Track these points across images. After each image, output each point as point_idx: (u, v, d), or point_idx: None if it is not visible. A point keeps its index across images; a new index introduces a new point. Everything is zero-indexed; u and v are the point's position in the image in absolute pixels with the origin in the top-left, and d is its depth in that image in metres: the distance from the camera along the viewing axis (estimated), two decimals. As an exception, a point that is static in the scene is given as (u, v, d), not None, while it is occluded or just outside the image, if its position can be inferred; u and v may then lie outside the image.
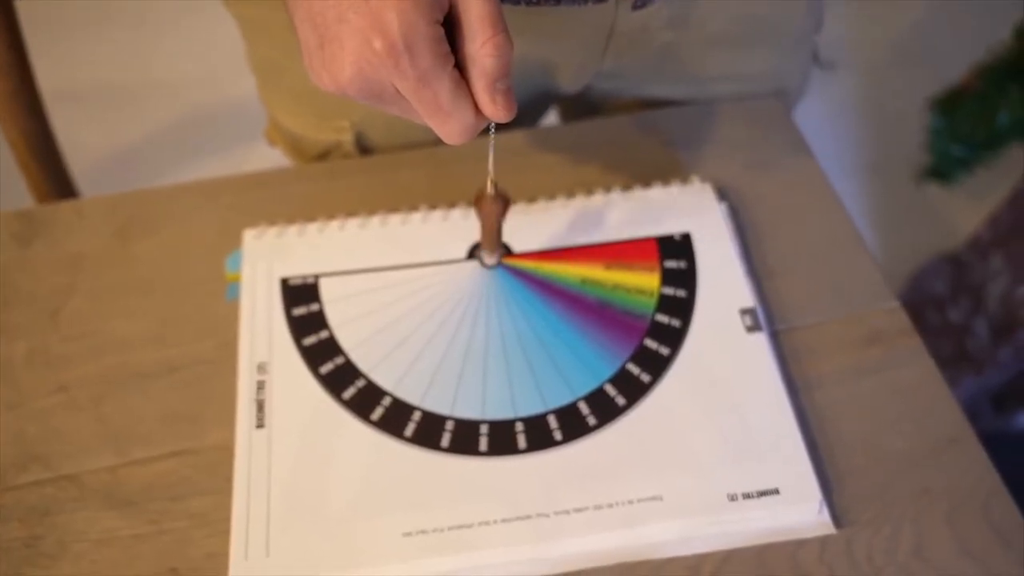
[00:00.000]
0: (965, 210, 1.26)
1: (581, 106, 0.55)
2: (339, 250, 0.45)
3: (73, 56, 1.43)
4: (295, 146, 0.55)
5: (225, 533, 0.38)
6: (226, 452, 0.40)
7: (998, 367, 1.16)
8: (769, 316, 0.45)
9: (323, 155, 0.53)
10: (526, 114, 0.55)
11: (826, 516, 0.38)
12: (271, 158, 0.61)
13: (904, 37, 1.65)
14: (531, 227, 0.46)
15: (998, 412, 1.24)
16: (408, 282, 0.44)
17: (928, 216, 1.42)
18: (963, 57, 1.19)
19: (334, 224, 0.46)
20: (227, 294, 0.45)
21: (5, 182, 0.70)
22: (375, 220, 0.46)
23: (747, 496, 0.38)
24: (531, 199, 0.48)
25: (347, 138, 0.51)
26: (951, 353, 1.22)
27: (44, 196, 0.58)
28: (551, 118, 0.60)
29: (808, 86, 0.58)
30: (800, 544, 0.38)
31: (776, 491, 0.38)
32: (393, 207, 0.48)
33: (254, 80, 0.55)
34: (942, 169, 0.97)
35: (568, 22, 0.43)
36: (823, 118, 1.58)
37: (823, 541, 0.38)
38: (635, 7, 0.41)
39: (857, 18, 1.72)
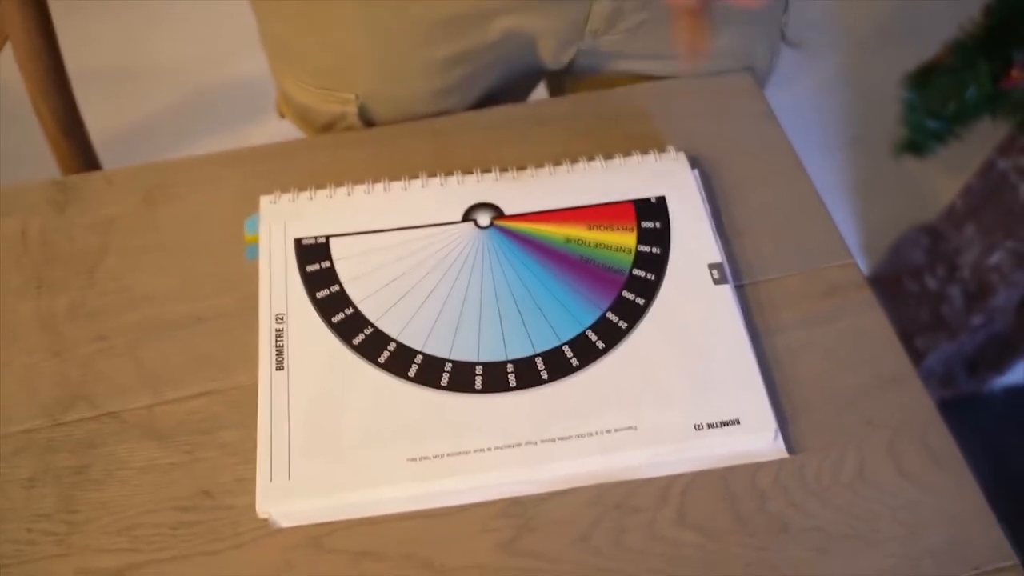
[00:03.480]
0: (943, 181, 1.31)
1: (567, 81, 0.60)
2: (347, 213, 0.50)
3: (73, 37, 1.47)
4: (303, 116, 0.59)
5: (251, 462, 0.43)
6: (249, 392, 0.45)
7: (971, 332, 1.22)
8: (736, 271, 0.50)
9: (329, 125, 0.58)
10: (517, 88, 0.59)
11: (780, 443, 0.43)
12: (275, 136, 0.65)
13: (888, 16, 1.69)
14: (521, 192, 0.51)
15: (972, 376, 1.30)
16: (410, 242, 0.49)
17: (909, 188, 1.47)
18: (943, 35, 1.24)
19: (342, 190, 0.51)
20: (247, 254, 0.50)
21: (29, 158, 0.75)
22: (379, 187, 0.51)
23: (711, 426, 0.43)
24: (521, 167, 0.53)
25: (351, 109, 0.55)
26: (928, 319, 1.27)
27: (71, 169, 0.62)
28: (540, 92, 0.64)
29: (778, 63, 0.62)
30: (759, 467, 0.43)
31: (737, 421, 0.43)
32: (395, 175, 0.52)
33: (254, 61, 0.59)
34: (917, 142, 1.01)
35: (550, 2, 0.48)
36: (810, 94, 1.63)
37: (779, 465, 0.43)
38: (607, -10, 0.46)
39: (843, -4, 1.75)
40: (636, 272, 0.48)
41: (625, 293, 0.47)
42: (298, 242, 0.49)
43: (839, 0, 1.73)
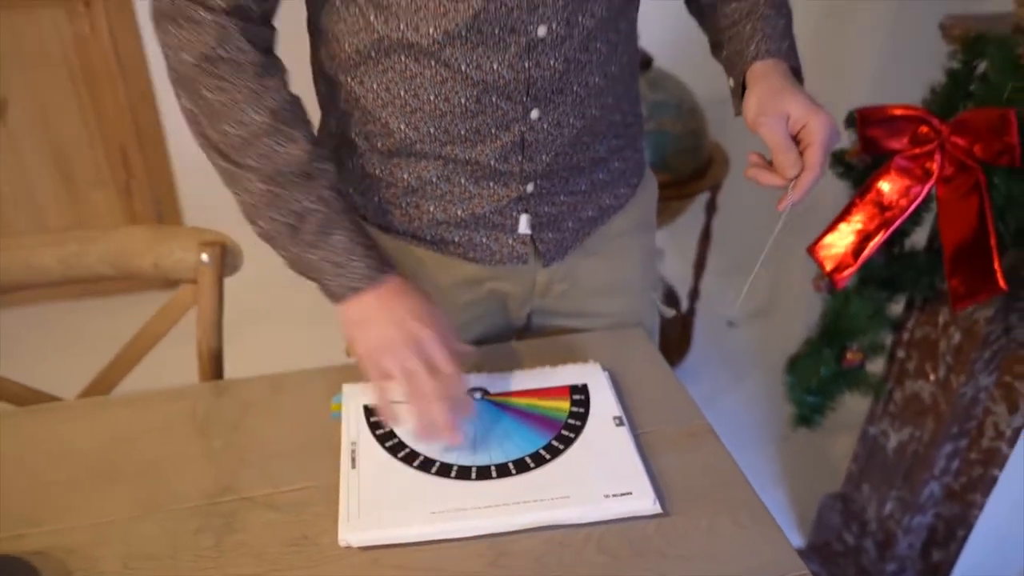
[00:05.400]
0: (847, 452, 1.61)
1: (528, 335, 0.97)
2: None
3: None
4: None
5: (334, 522, 0.69)
6: (332, 488, 0.73)
7: (891, 580, 1.42)
8: (632, 424, 0.81)
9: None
10: (502, 337, 0.96)
11: (658, 506, 0.71)
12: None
13: (793, 345, 2.13)
14: (500, 380, 0.84)
15: (909, 630, 1.46)
16: (433, 407, 0.81)
17: (824, 465, 1.76)
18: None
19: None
20: (331, 415, 0.81)
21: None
22: (415, 380, 0.84)
23: (615, 495, 0.71)
24: (503, 371, 0.87)
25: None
26: (855, 574, 1.48)
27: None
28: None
29: (657, 324, 1.00)
30: (647, 522, 0.70)
31: (630, 493, 0.71)
32: (424, 376, 0.86)
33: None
34: (804, 415, 1.34)
35: (513, 274, 0.87)
36: (743, 404, 2.01)
37: (659, 520, 0.70)
38: (544, 265, 0.85)
39: (766, 322, 2.23)
40: (569, 420, 0.79)
41: (563, 431, 0.78)
42: (366, 407, 0.81)
43: (758, 332, 2.21)
